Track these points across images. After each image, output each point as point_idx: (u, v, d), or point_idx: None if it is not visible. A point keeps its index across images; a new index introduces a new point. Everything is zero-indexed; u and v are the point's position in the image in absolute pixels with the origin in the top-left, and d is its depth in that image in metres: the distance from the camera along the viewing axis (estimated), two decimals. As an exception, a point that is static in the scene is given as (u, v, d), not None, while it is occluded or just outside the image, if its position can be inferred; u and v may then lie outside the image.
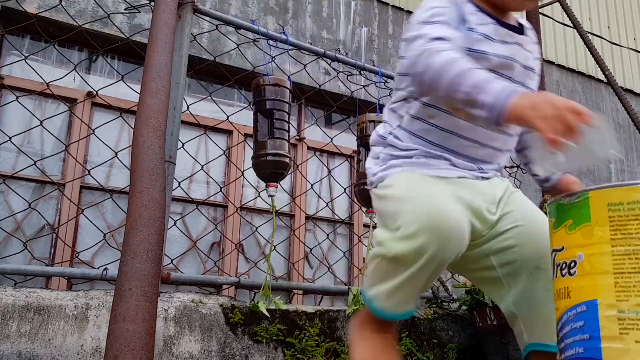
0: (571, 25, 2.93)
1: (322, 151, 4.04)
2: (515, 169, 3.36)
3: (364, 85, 3.16)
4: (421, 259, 1.17)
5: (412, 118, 1.38)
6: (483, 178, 1.38)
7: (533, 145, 1.44)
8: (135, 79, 2.57)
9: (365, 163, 1.50)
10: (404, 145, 1.38)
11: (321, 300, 2.74)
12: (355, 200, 2.85)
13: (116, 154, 2.41)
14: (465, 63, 1.18)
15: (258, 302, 1.99)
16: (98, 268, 1.86)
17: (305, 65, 2.81)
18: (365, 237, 3.71)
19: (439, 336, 2.41)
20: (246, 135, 3.44)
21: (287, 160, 2.08)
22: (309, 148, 4.00)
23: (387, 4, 4.58)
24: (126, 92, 2.84)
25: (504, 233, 1.35)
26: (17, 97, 2.30)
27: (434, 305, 2.52)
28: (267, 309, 1.99)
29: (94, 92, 2.78)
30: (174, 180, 1.96)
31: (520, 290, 1.33)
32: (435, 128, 1.35)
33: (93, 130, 2.33)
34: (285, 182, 3.78)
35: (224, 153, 3.54)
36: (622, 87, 3.47)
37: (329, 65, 3.80)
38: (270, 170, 2.07)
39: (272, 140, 2.07)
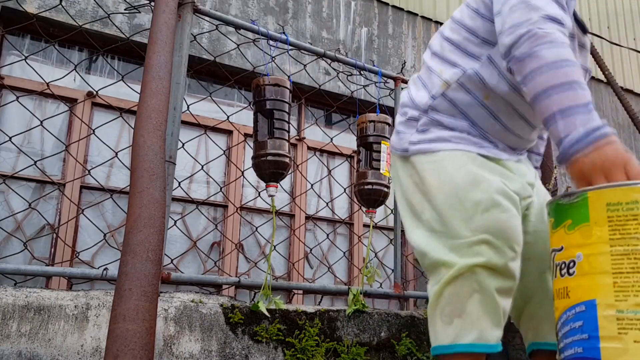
0: (571, 25, 2.92)
1: (322, 151, 4.05)
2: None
3: (364, 85, 3.17)
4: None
5: (461, 88, 1.25)
6: (519, 160, 1.33)
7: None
8: (136, 79, 2.57)
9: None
10: (447, 117, 1.25)
11: (321, 300, 2.74)
12: (355, 200, 2.85)
13: (116, 154, 2.41)
14: (572, 71, 1.02)
15: (258, 302, 1.99)
16: (98, 268, 1.86)
17: (305, 65, 2.81)
18: (365, 237, 3.71)
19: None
20: (246, 135, 3.44)
21: (287, 160, 2.08)
22: (309, 148, 4.00)
23: (387, 4, 4.58)
24: (126, 92, 2.84)
25: (526, 224, 1.30)
26: (17, 97, 2.30)
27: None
28: (267, 309, 1.99)
29: (94, 92, 2.78)
30: (174, 180, 1.96)
31: (529, 288, 1.31)
32: (484, 109, 1.25)
33: (93, 130, 2.33)
34: (285, 182, 3.78)
35: (224, 153, 3.54)
36: (622, 87, 3.47)
37: (329, 65, 3.80)
38: (270, 170, 2.07)
39: (272, 140, 2.07)
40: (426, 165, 1.24)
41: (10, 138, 2.20)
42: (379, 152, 2.39)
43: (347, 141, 3.90)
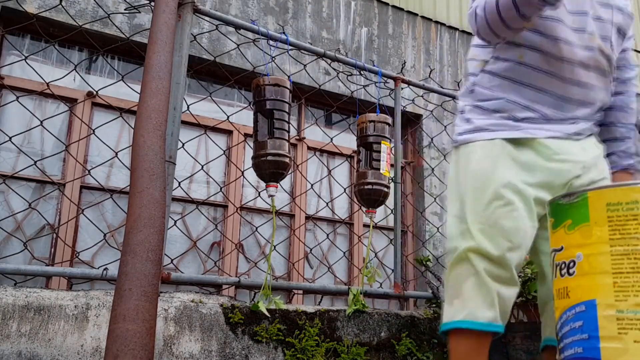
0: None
1: (322, 151, 4.04)
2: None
3: (364, 85, 3.17)
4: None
5: (496, 60, 1.38)
6: (575, 136, 1.33)
7: None
8: (136, 79, 2.57)
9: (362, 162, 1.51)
10: (489, 94, 1.36)
11: (321, 300, 2.74)
12: (355, 200, 2.85)
13: (116, 154, 2.41)
14: None
15: (258, 302, 1.99)
16: (98, 268, 1.86)
17: (305, 65, 2.81)
18: (365, 237, 3.71)
19: (439, 336, 2.41)
20: (246, 135, 3.43)
21: (287, 160, 2.08)
22: (309, 148, 4.00)
23: (387, 4, 4.58)
24: (126, 92, 2.84)
25: None
26: (17, 97, 2.31)
27: (433, 305, 2.53)
28: (267, 309, 1.99)
29: (94, 92, 2.78)
30: (174, 180, 1.96)
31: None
32: (524, 67, 1.33)
33: (93, 130, 2.33)
34: (285, 182, 3.78)
35: (224, 153, 3.54)
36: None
37: (329, 65, 3.80)
38: (270, 170, 2.07)
39: (272, 140, 2.07)
40: (463, 157, 1.37)
41: (10, 138, 2.20)
42: (379, 152, 2.39)
43: (347, 141, 3.89)
